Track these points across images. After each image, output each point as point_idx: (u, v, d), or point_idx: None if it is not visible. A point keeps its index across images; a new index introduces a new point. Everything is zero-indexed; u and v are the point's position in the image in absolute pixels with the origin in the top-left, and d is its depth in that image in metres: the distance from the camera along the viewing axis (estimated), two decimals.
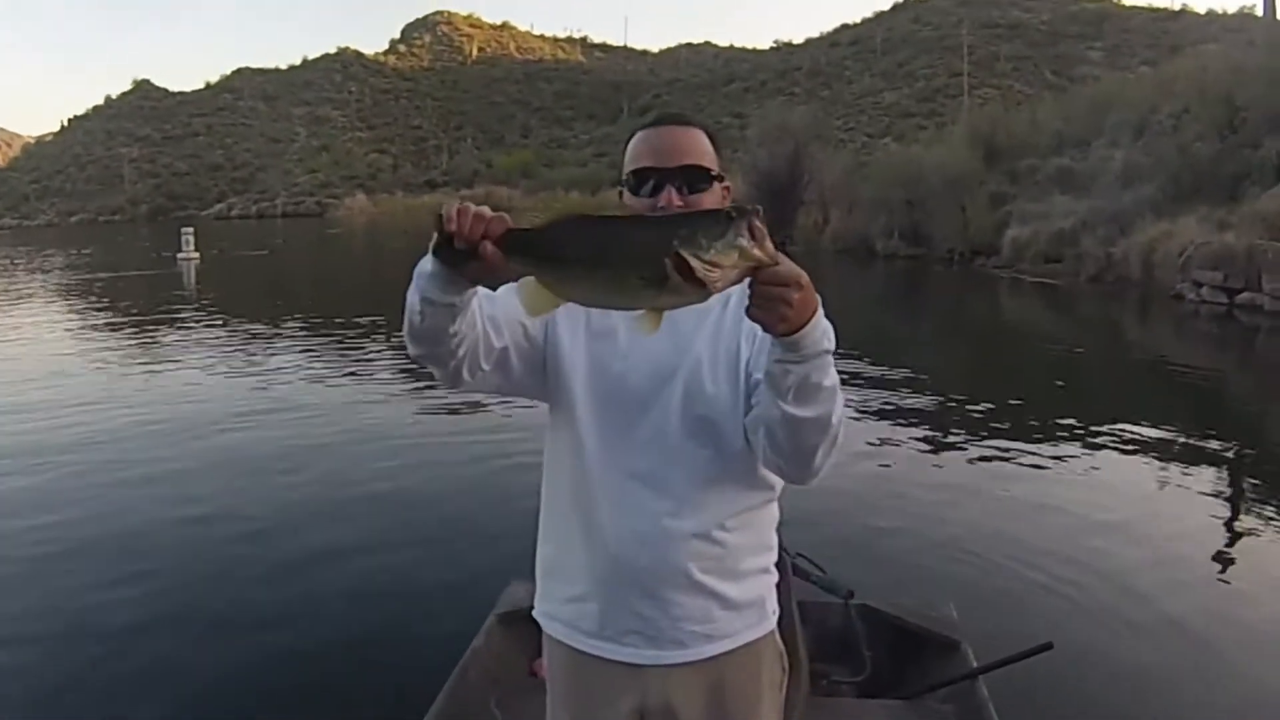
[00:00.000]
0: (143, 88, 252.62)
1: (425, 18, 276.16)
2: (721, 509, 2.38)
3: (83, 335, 21.06)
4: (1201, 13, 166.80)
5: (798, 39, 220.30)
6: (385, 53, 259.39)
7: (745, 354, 2.37)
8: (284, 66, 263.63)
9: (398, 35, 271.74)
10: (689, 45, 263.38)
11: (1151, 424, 11.55)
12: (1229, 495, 9.33)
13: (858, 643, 4.61)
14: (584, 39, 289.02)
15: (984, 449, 10.48)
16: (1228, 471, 9.99)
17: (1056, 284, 27.49)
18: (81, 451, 10.56)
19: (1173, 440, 10.98)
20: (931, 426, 11.56)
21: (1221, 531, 8.28)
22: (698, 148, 2.45)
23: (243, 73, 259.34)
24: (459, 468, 9.85)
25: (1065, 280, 27.60)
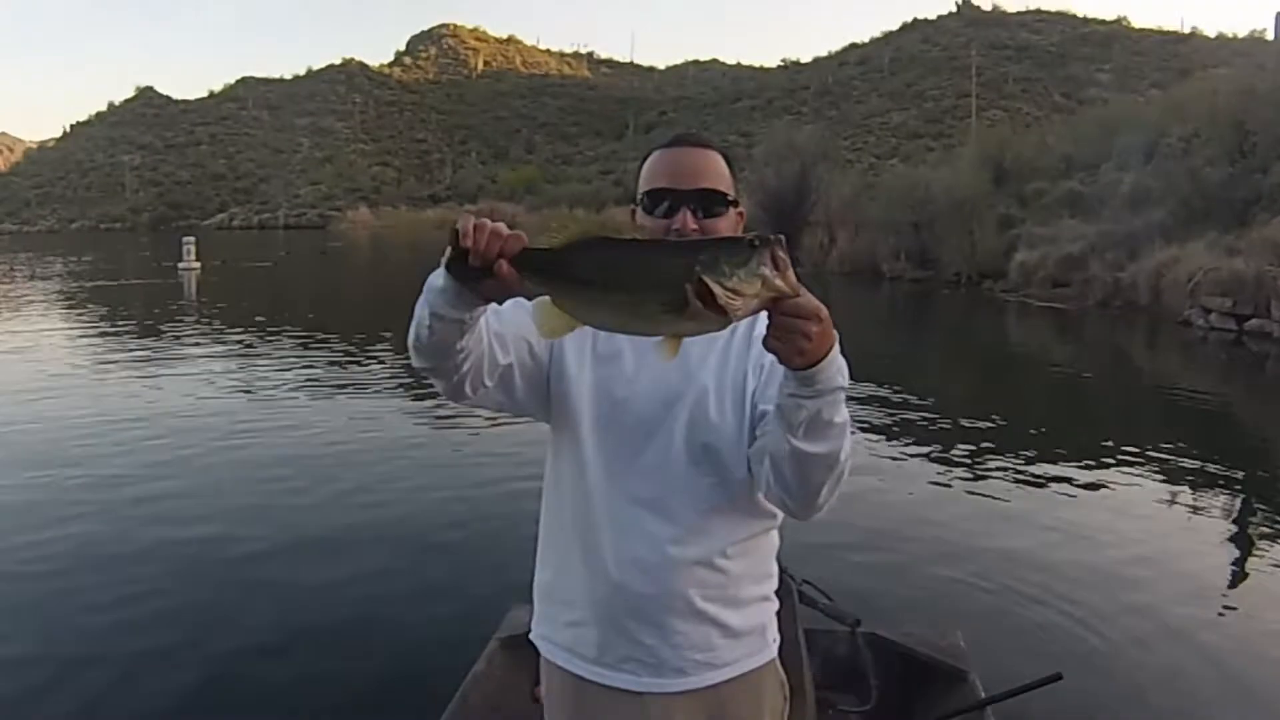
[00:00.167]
0: (146, 95, 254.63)
1: (431, 30, 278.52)
2: (724, 537, 2.36)
3: (81, 345, 21.08)
4: (1211, 36, 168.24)
5: (806, 58, 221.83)
6: (390, 65, 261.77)
7: (752, 384, 2.35)
8: (288, 77, 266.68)
9: (403, 47, 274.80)
10: (696, 63, 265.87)
11: (1159, 451, 11.53)
12: (1238, 523, 9.31)
13: (864, 671, 4.57)
14: (590, 54, 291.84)
15: (990, 475, 10.45)
16: (1237, 499, 10.00)
17: (1064, 308, 27.51)
18: (77, 466, 10.46)
19: (1181, 468, 10.94)
20: (937, 453, 11.51)
21: (1232, 559, 8.27)
22: (715, 171, 2.42)
23: (247, 82, 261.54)
24: (462, 488, 9.77)
25: (1073, 305, 27.62)
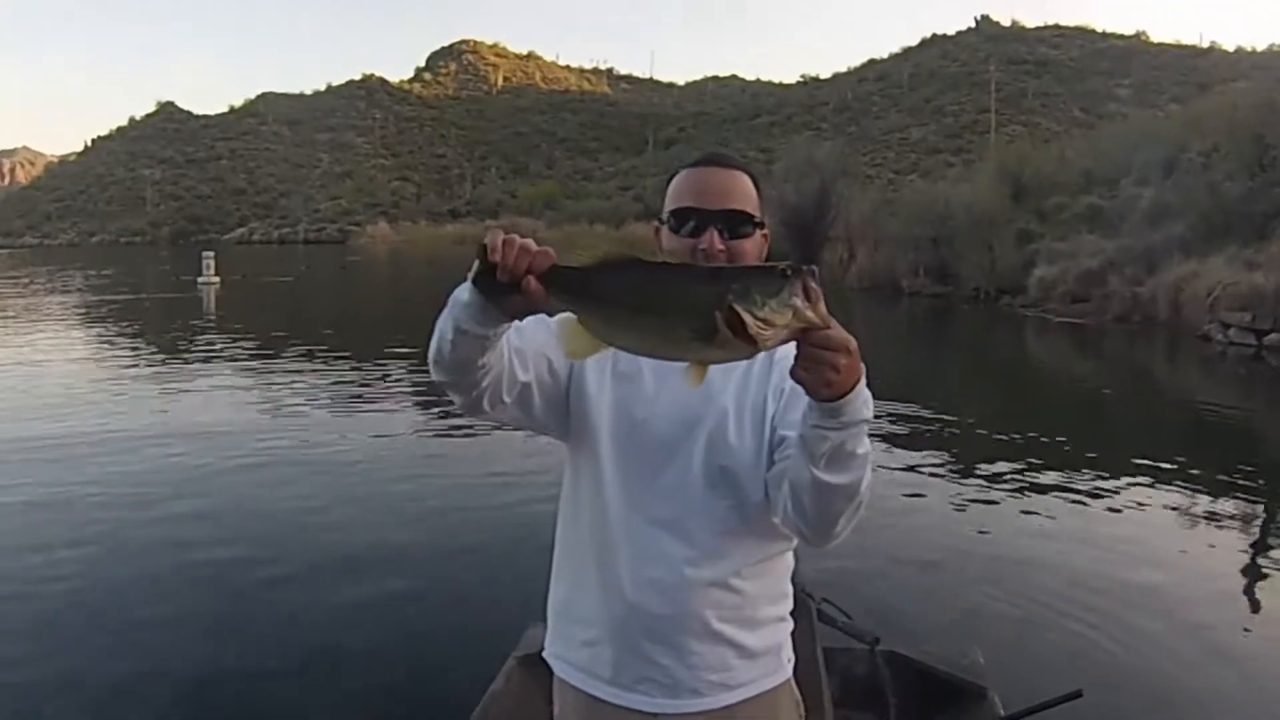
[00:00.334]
0: (167, 110, 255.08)
1: (451, 46, 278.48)
2: (740, 558, 2.36)
3: (101, 360, 21.07)
4: (1230, 50, 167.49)
5: (825, 74, 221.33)
6: (410, 80, 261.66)
7: (771, 408, 2.35)
8: (308, 92, 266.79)
9: (423, 63, 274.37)
10: (715, 78, 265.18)
11: (1178, 467, 11.47)
12: (1259, 538, 9.26)
13: (884, 690, 4.56)
14: (610, 70, 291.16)
15: (1010, 492, 10.43)
16: (1258, 514, 9.90)
17: (1083, 324, 27.45)
18: (95, 483, 10.43)
19: (1201, 484, 10.85)
20: (957, 469, 11.48)
21: (1253, 575, 8.20)
22: (742, 192, 2.42)
23: (267, 97, 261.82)
24: (483, 505, 9.73)
25: (1092, 320, 27.55)
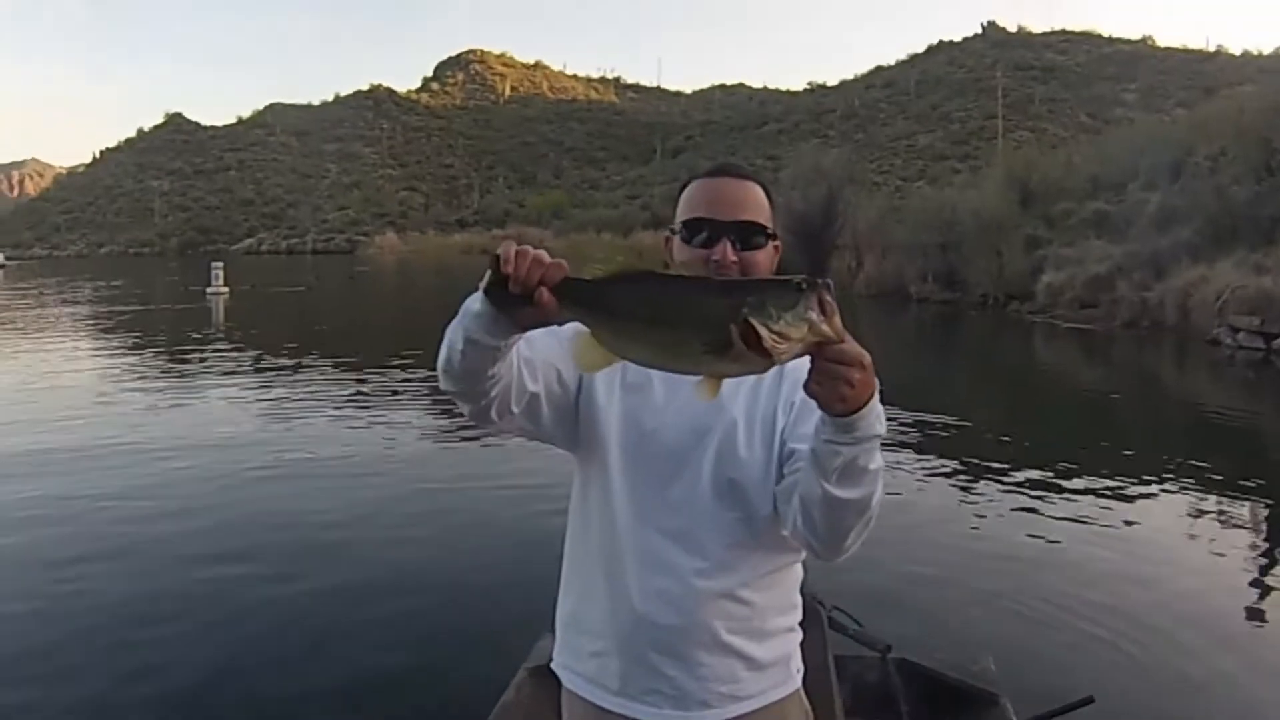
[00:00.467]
0: (175, 121, 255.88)
1: (458, 56, 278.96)
2: (749, 570, 2.35)
3: (110, 371, 21.01)
4: (1237, 54, 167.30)
5: (832, 81, 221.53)
6: (418, 90, 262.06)
7: (781, 421, 2.33)
8: (316, 103, 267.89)
9: (430, 73, 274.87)
10: (722, 87, 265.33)
11: (1188, 472, 11.46)
12: (1270, 543, 9.21)
13: (895, 697, 4.54)
14: (617, 79, 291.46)
15: (1020, 498, 10.36)
16: (1268, 520, 9.85)
17: (1091, 329, 27.41)
18: (103, 496, 10.34)
19: (1211, 489, 10.83)
20: (967, 475, 11.44)
21: (1264, 580, 8.18)
22: (755, 203, 2.42)
23: (274, 108, 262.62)
24: (494, 514, 9.70)
25: (1100, 325, 27.52)
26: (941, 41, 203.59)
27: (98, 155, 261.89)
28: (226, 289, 46.98)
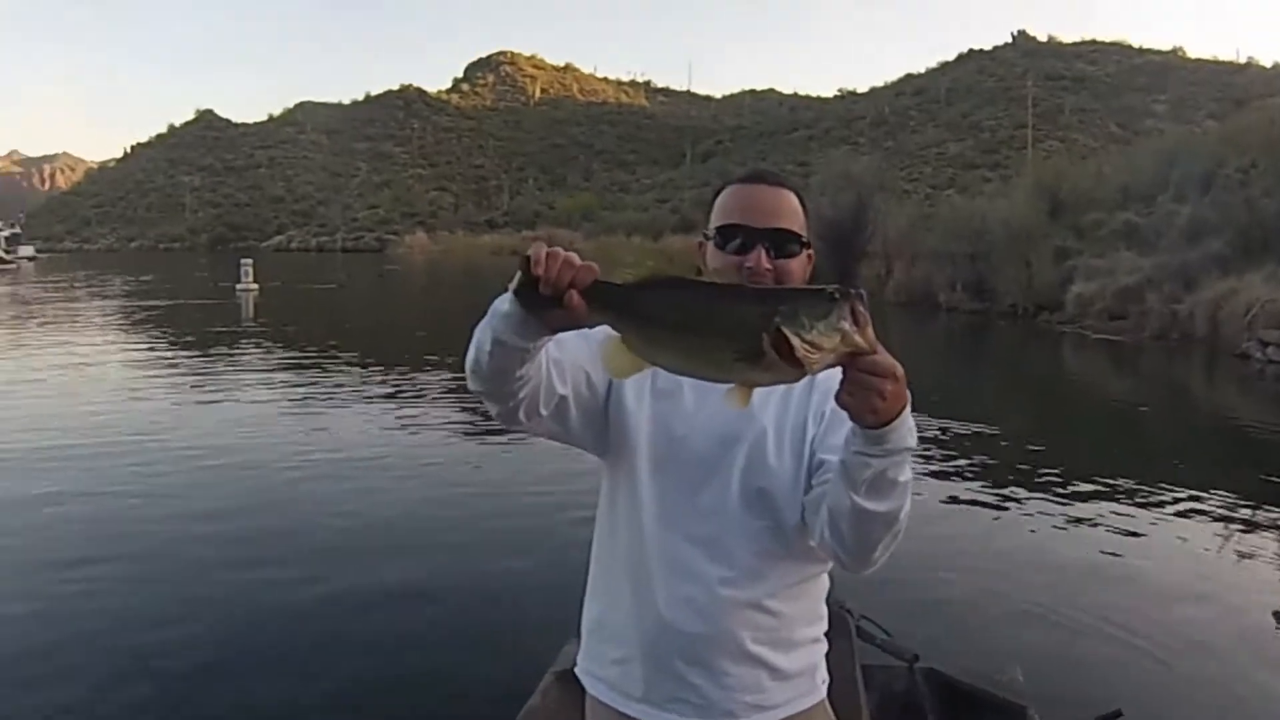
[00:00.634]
0: (206, 118, 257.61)
1: (489, 57, 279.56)
2: (777, 580, 2.33)
3: (140, 366, 21.10)
4: (1268, 65, 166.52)
5: (862, 88, 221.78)
6: (448, 91, 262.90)
7: (811, 431, 2.31)
8: (347, 102, 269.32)
9: (461, 74, 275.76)
10: (753, 92, 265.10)
11: (1217, 485, 11.30)
12: None
13: (922, 707, 4.50)
14: (648, 83, 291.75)
15: (1049, 508, 10.32)
16: None
17: (1120, 341, 27.24)
18: (134, 486, 10.46)
19: (1241, 503, 10.73)
20: (996, 485, 11.38)
21: None
22: (790, 210, 2.40)
23: (305, 106, 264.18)
24: (523, 518, 9.65)
25: (1129, 337, 27.33)
26: (972, 50, 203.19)
27: (129, 150, 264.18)
28: (256, 286, 47.16)
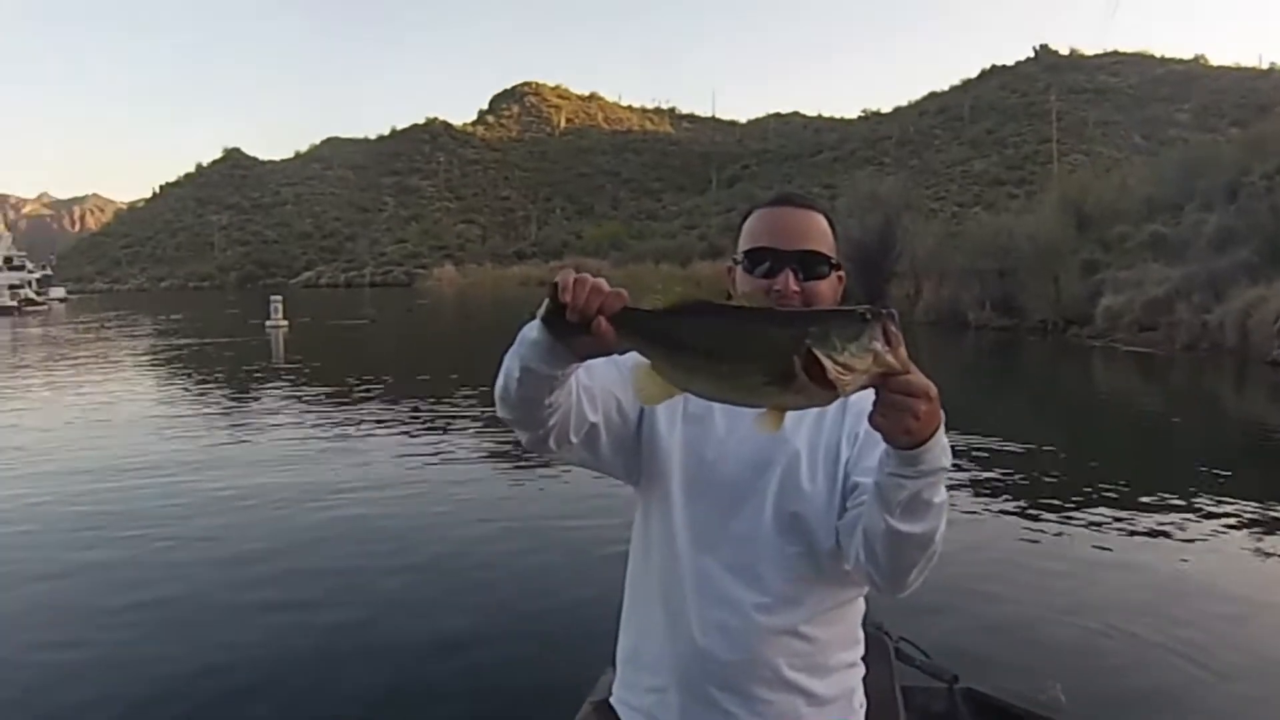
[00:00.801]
0: (234, 156, 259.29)
1: (513, 88, 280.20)
2: (812, 605, 2.33)
3: (171, 404, 21.21)
4: None
5: (886, 108, 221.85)
6: (473, 123, 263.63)
7: (845, 454, 2.32)
8: (373, 136, 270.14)
9: (486, 106, 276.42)
10: (777, 115, 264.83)
11: (1254, 496, 11.10)
12: None
13: None
14: (672, 110, 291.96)
15: (1083, 524, 10.18)
16: None
17: (1151, 353, 27.17)
18: (168, 526, 10.39)
19: (1278, 514, 10.59)
20: (1031, 502, 11.26)
21: None
22: (818, 232, 2.41)
23: (331, 142, 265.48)
24: (558, 548, 9.55)
25: (1159, 349, 27.25)
26: (994, 66, 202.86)
27: (157, 190, 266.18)
28: (286, 322, 47.43)
